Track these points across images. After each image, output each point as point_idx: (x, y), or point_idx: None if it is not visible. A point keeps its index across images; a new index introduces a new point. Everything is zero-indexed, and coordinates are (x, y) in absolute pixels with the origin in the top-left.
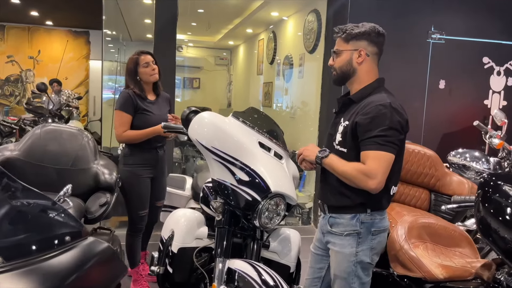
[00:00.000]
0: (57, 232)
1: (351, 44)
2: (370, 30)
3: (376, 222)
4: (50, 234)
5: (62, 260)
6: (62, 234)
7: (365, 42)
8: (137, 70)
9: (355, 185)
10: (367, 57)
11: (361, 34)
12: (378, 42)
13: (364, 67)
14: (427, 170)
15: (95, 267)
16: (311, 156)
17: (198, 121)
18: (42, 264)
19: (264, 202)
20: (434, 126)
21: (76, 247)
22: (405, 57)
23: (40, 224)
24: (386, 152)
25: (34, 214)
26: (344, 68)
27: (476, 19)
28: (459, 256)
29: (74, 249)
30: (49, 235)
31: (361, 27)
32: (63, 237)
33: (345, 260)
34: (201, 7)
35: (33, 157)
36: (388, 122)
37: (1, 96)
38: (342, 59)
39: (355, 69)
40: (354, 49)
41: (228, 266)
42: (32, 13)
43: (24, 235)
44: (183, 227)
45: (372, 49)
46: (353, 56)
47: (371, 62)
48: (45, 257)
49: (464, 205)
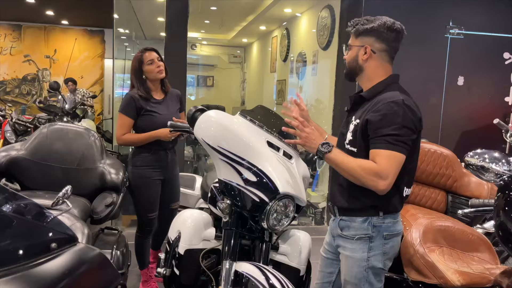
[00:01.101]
0: (41, 238)
1: (359, 39)
2: (379, 25)
3: (388, 226)
4: (33, 241)
5: (47, 268)
6: (48, 241)
7: (372, 39)
8: (142, 68)
9: (361, 183)
10: (373, 54)
11: (369, 30)
12: (388, 38)
13: (371, 64)
14: (444, 171)
15: (84, 275)
16: (311, 148)
17: (205, 120)
18: (24, 273)
19: (272, 204)
20: (452, 125)
21: (63, 255)
22: (422, 53)
23: (22, 230)
24: (397, 153)
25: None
26: (351, 64)
27: (496, 13)
28: (477, 261)
29: (61, 257)
30: (32, 242)
31: (372, 22)
32: (49, 244)
33: (356, 265)
34: (214, 4)
35: (39, 156)
36: (400, 120)
37: (19, 95)
38: (350, 54)
39: (361, 66)
40: (361, 45)
41: (235, 269)
42: (48, 13)
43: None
44: (190, 228)
45: (379, 45)
46: (359, 52)
47: (379, 59)
48: (28, 265)
49: (483, 209)
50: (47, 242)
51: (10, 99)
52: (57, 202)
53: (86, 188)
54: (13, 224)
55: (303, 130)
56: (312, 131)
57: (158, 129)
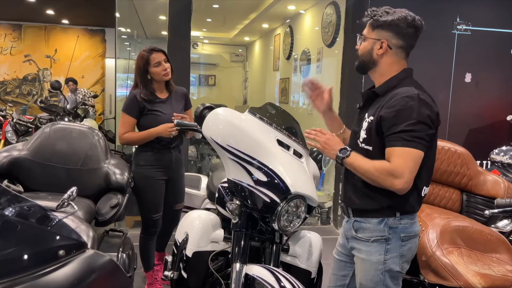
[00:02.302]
0: (48, 245)
1: (375, 32)
2: (399, 19)
3: (406, 227)
4: (39, 248)
5: (55, 278)
6: (55, 248)
7: (390, 34)
8: (147, 69)
9: (379, 185)
10: (389, 49)
11: (388, 23)
12: (407, 34)
13: (386, 60)
14: (459, 169)
15: (94, 283)
16: (331, 154)
17: (213, 118)
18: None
19: (283, 204)
20: (459, 122)
21: (72, 262)
22: (429, 49)
23: (27, 236)
24: (414, 149)
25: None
26: (364, 56)
27: (503, 9)
28: (496, 263)
29: (70, 265)
30: (39, 249)
31: (391, 15)
32: (56, 251)
33: (372, 268)
34: (216, 2)
35: (42, 156)
36: (415, 115)
37: (19, 95)
38: (364, 46)
39: (375, 60)
40: (377, 39)
41: (246, 272)
42: (48, 12)
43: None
44: (198, 230)
45: (397, 41)
46: (375, 46)
47: (394, 56)
48: (35, 274)
49: (510, 209)
50: (54, 249)
51: (10, 99)
52: (62, 205)
53: (90, 189)
54: (18, 230)
55: (321, 137)
56: (330, 137)
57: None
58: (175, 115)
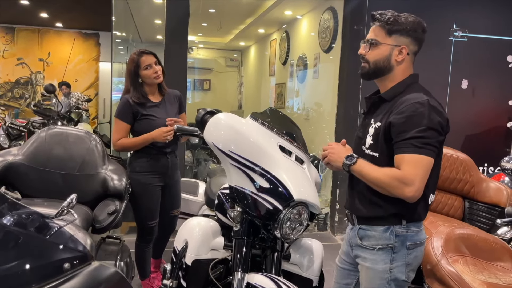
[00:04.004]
0: (52, 258)
1: (393, 38)
2: (416, 25)
3: (412, 235)
4: (43, 261)
5: None
6: (60, 261)
7: (409, 39)
8: (138, 72)
9: (389, 193)
10: (407, 56)
11: (407, 29)
12: (422, 39)
13: (402, 66)
14: (461, 176)
15: None
16: (337, 162)
17: (214, 123)
18: None
19: (286, 211)
20: (456, 128)
21: (78, 276)
22: (425, 55)
23: (30, 250)
24: (425, 156)
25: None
26: (380, 63)
27: (500, 16)
28: (502, 271)
29: (76, 278)
30: (43, 262)
31: (407, 20)
32: (61, 264)
33: (377, 277)
34: (213, 7)
35: (38, 161)
36: (426, 121)
37: (11, 99)
38: (379, 52)
39: (392, 66)
40: (396, 45)
41: (247, 280)
42: (42, 15)
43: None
44: (197, 237)
45: (414, 47)
46: (393, 52)
47: (409, 61)
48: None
49: None
50: (59, 262)
51: (2, 103)
52: (62, 212)
53: (88, 195)
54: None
55: (326, 148)
56: (335, 146)
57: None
58: (168, 120)
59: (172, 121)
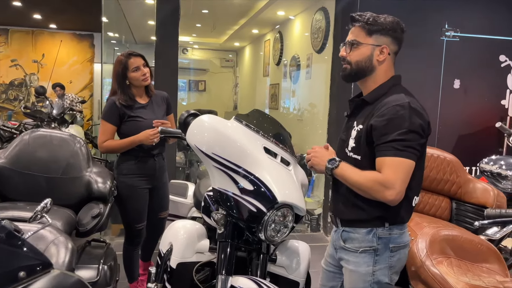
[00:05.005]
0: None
1: (374, 38)
2: (396, 25)
3: (395, 238)
4: None
5: None
6: (15, 270)
7: (390, 39)
8: (126, 74)
9: (370, 196)
10: (388, 55)
11: (387, 29)
12: (401, 39)
13: (384, 66)
14: (448, 176)
15: None
16: (320, 166)
17: (197, 125)
18: None
19: (270, 214)
20: (448, 128)
21: (35, 284)
22: (417, 55)
23: None
24: (405, 159)
25: None
26: (362, 63)
27: (492, 15)
28: (487, 273)
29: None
30: None
31: (386, 20)
32: (16, 273)
33: (360, 280)
34: (205, 7)
35: (21, 165)
36: (407, 124)
37: (5, 101)
38: (361, 53)
39: (374, 67)
40: (377, 45)
41: (231, 283)
42: (35, 16)
43: None
44: (182, 240)
45: (394, 47)
46: (375, 52)
47: (390, 61)
48: None
49: (501, 220)
50: (14, 271)
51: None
52: (35, 217)
53: (72, 198)
54: None
55: (310, 152)
56: (318, 149)
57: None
58: (155, 122)
59: (159, 123)
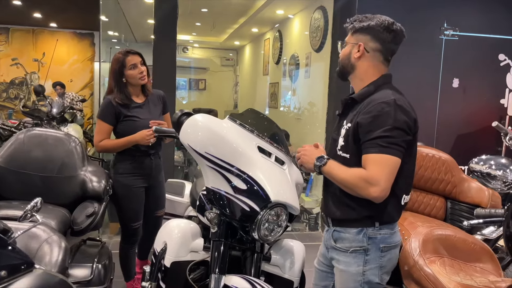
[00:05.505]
0: None
1: (354, 37)
2: (376, 24)
3: (385, 237)
4: None
5: None
6: None
7: (368, 37)
8: (123, 72)
9: (355, 193)
10: (366, 53)
11: (365, 27)
12: (384, 38)
13: (363, 63)
14: (443, 176)
15: None
16: (308, 164)
17: (191, 125)
18: None
19: (263, 213)
20: (447, 127)
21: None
22: (416, 54)
23: None
24: (390, 155)
25: None
26: (344, 61)
27: (491, 14)
28: (480, 273)
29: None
30: None
31: (369, 20)
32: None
33: (351, 280)
34: (205, 6)
35: (16, 164)
36: (392, 121)
37: (6, 99)
38: (344, 52)
39: (353, 64)
40: (355, 43)
41: (224, 283)
42: (36, 15)
43: None
44: (176, 239)
45: (374, 45)
46: (353, 50)
47: (372, 59)
48: None
49: (490, 220)
50: None
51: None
52: (25, 216)
53: (67, 197)
54: None
55: (300, 150)
56: (308, 147)
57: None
58: (151, 122)
59: (156, 123)
